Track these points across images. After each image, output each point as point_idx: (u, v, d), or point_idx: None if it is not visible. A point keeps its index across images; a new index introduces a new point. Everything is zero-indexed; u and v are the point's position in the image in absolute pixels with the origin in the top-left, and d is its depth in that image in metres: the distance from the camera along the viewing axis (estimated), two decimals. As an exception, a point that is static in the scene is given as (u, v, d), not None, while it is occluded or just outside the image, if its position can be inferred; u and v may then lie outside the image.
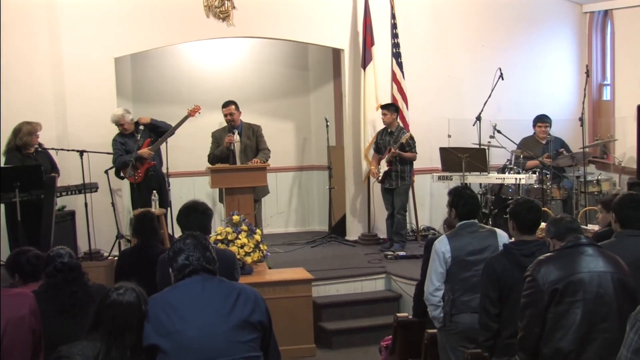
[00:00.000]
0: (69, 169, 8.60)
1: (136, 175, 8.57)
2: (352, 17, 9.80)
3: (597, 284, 3.79)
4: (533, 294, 3.87)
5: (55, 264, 4.20)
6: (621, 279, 3.85)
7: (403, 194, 9.18)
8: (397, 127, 9.22)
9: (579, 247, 3.92)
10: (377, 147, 9.39)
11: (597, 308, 3.78)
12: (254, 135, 8.86)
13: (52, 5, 8.87)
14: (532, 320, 3.88)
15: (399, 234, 9.22)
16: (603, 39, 10.39)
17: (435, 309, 5.05)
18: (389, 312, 7.71)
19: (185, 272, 3.48)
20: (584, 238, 3.99)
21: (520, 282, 4.18)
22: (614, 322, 3.74)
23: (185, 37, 9.58)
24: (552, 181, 8.90)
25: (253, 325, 3.44)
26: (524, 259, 4.36)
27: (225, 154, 8.71)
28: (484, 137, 9.23)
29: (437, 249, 5.01)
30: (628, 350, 3.09)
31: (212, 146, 8.90)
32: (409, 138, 8.98)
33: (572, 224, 4.14)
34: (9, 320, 3.74)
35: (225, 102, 8.89)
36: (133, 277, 3.57)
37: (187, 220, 4.89)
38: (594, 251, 3.91)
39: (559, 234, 4.11)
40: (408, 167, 9.13)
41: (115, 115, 8.66)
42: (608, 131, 9.97)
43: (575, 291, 3.79)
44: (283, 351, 3.87)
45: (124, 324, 3.29)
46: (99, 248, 8.68)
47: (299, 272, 7.78)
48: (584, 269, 3.82)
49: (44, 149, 8.23)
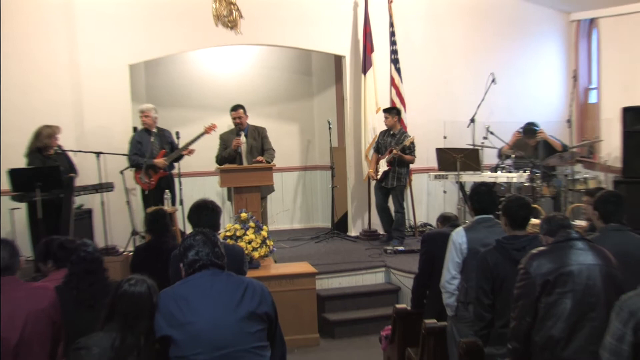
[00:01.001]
0: (86, 170, 8.59)
1: (150, 183, 8.59)
2: (352, 25, 9.80)
3: (586, 276, 3.79)
4: (525, 285, 3.86)
5: (79, 252, 4.18)
6: (609, 271, 3.84)
7: (400, 193, 9.18)
8: (399, 130, 9.22)
9: (569, 242, 3.91)
10: (378, 147, 9.37)
11: (585, 298, 3.77)
12: (259, 136, 8.85)
13: (70, 16, 8.89)
14: (524, 310, 3.87)
15: (398, 230, 9.25)
16: (589, 46, 10.38)
17: (450, 296, 5.03)
18: (389, 303, 7.68)
19: (195, 266, 3.46)
20: (575, 233, 3.99)
21: (512, 274, 4.18)
22: (601, 311, 3.74)
23: (195, 45, 9.60)
24: (542, 179, 8.87)
25: (260, 317, 3.43)
26: (515, 253, 4.36)
27: (232, 156, 8.71)
28: (477, 138, 9.21)
29: (455, 240, 4.98)
30: (612, 337, 3.12)
31: (220, 148, 8.88)
32: (411, 142, 8.98)
33: (564, 221, 4.17)
34: (30, 312, 3.74)
35: (234, 105, 8.87)
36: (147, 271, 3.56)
37: (197, 217, 4.86)
38: (583, 245, 3.91)
39: (550, 231, 4.13)
40: (405, 169, 9.13)
41: (145, 105, 8.83)
42: (594, 132, 9.99)
43: (565, 282, 3.78)
44: (288, 341, 3.85)
45: (137, 312, 3.30)
46: (114, 244, 8.67)
47: (304, 266, 7.77)
48: (573, 262, 3.82)
49: (63, 151, 8.23)
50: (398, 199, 9.17)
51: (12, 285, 3.79)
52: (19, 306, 3.72)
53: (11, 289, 3.76)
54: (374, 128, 9.59)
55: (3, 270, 3.79)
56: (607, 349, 3.14)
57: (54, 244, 4.48)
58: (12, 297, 3.74)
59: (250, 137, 8.79)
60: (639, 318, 3.04)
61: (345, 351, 7.33)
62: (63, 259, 4.36)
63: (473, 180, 8.80)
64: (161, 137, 8.81)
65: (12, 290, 3.76)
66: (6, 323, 3.68)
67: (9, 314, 3.69)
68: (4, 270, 3.79)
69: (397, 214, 9.22)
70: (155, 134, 8.77)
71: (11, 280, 3.81)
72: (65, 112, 8.90)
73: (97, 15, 8.95)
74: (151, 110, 8.76)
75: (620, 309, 3.11)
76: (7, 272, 3.80)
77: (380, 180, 9.20)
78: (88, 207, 8.78)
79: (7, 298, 3.72)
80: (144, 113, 8.74)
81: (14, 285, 3.80)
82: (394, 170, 9.04)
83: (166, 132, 8.93)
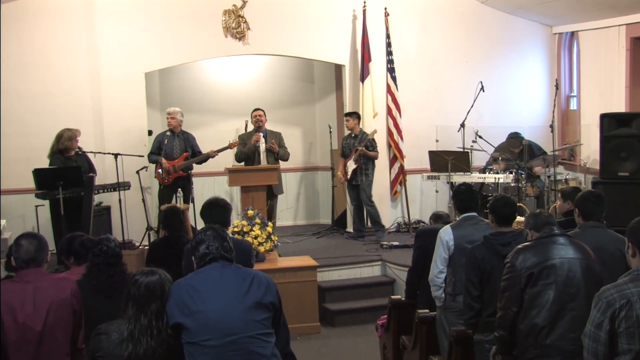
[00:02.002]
0: (105, 170, 8.61)
1: (166, 179, 8.60)
2: (351, 36, 9.79)
3: (568, 269, 3.81)
4: (511, 278, 3.88)
5: (101, 245, 4.20)
6: (588, 264, 3.87)
7: (367, 188, 9.19)
8: (360, 131, 9.26)
9: (552, 237, 3.94)
10: (343, 151, 9.38)
11: (567, 289, 3.79)
12: (277, 139, 8.87)
13: (91, 28, 8.91)
14: (509, 300, 3.89)
15: (376, 222, 9.30)
16: (570, 56, 10.38)
17: (438, 289, 5.03)
18: (385, 294, 7.69)
19: (206, 259, 3.46)
20: (557, 229, 4.00)
21: (497, 267, 4.21)
22: (581, 301, 3.76)
23: (206, 55, 9.60)
24: (526, 180, 8.89)
25: (265, 306, 3.42)
26: (501, 248, 4.38)
27: (252, 151, 8.75)
28: (467, 141, 9.22)
29: (442, 237, 4.98)
30: (592, 325, 3.16)
31: (239, 147, 8.91)
32: (371, 139, 9.04)
33: (549, 219, 4.17)
34: (53, 301, 3.76)
35: (256, 107, 9.05)
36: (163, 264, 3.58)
37: (209, 214, 4.86)
38: (564, 240, 3.94)
39: (536, 226, 4.12)
40: (371, 165, 9.20)
41: (172, 108, 8.85)
42: (575, 137, 9.99)
43: (548, 275, 3.80)
44: (291, 329, 3.85)
45: (147, 296, 3.32)
46: (131, 238, 8.66)
47: (306, 260, 7.78)
48: (556, 256, 3.84)
49: (83, 152, 8.24)
50: (366, 193, 9.17)
51: (38, 276, 3.80)
52: (43, 295, 3.74)
53: (37, 279, 3.78)
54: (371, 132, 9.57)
55: (28, 262, 3.79)
56: (587, 335, 3.19)
57: (76, 242, 4.51)
58: (37, 287, 3.76)
59: (268, 141, 8.81)
60: (615, 308, 3.08)
61: (344, 338, 7.34)
62: (83, 256, 4.39)
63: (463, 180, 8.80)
64: (185, 140, 8.80)
65: (37, 280, 3.78)
66: (32, 311, 3.71)
67: (35, 302, 3.72)
68: (29, 262, 3.79)
69: (369, 208, 9.26)
70: (180, 137, 8.78)
71: (37, 272, 3.81)
72: (85, 116, 8.91)
73: (115, 27, 8.95)
74: (177, 113, 8.77)
75: (599, 300, 3.15)
76: (33, 264, 3.80)
77: (350, 180, 9.23)
78: (107, 205, 8.78)
79: (32, 288, 3.74)
80: (170, 115, 8.75)
81: (39, 276, 3.80)
82: (361, 167, 9.09)
83: (190, 136, 8.92)
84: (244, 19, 9.32)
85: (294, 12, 9.57)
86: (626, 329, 3.06)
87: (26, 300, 3.72)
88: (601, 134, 7.93)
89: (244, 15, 9.32)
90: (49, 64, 8.88)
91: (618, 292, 3.11)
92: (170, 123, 8.75)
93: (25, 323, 3.69)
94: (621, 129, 7.87)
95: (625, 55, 8.87)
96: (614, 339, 3.10)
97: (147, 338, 3.27)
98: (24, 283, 3.76)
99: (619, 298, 3.09)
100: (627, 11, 8.63)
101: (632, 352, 3.05)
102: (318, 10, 9.66)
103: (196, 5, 9.24)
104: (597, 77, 9.47)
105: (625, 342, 3.07)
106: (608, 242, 4.40)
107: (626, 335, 3.06)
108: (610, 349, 3.11)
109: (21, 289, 3.74)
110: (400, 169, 9.86)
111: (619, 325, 3.08)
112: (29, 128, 8.80)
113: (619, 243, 4.28)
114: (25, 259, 3.80)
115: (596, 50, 9.47)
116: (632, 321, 3.05)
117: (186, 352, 3.32)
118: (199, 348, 3.29)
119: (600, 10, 8.99)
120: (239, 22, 9.30)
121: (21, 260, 3.81)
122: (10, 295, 3.72)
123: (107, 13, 8.91)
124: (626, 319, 3.06)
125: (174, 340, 3.33)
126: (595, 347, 3.14)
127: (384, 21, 9.75)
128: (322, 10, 9.67)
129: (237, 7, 9.30)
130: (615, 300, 3.09)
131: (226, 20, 9.28)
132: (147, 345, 3.27)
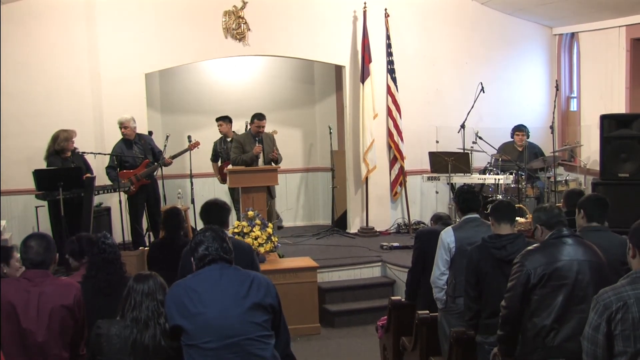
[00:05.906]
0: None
1: (131, 189, 8.37)
2: (352, 37, 9.78)
3: (577, 270, 3.81)
4: (520, 276, 3.87)
5: (99, 244, 4.19)
6: (597, 266, 3.87)
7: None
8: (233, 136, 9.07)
9: (562, 238, 3.92)
10: (216, 156, 9.25)
11: (575, 291, 3.80)
12: (271, 142, 8.75)
13: (92, 29, 8.93)
14: (515, 298, 3.89)
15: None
16: (570, 58, 10.37)
17: (439, 291, 5.04)
18: (385, 295, 7.70)
19: (205, 261, 3.44)
20: (566, 230, 3.98)
21: (492, 270, 4.29)
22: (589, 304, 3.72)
23: (206, 56, 9.60)
24: (526, 181, 8.88)
25: (265, 308, 3.41)
26: (494, 251, 4.41)
27: (253, 160, 8.45)
28: (467, 142, 9.21)
29: (444, 239, 4.98)
30: (590, 328, 3.17)
31: (237, 150, 8.55)
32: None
33: (561, 217, 4.09)
34: (55, 307, 3.72)
35: (260, 114, 8.61)
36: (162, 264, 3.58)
37: (208, 215, 4.85)
38: (574, 241, 3.93)
39: (548, 223, 4.04)
40: None
41: (123, 117, 8.42)
42: (575, 138, 9.98)
43: (558, 277, 3.81)
44: (291, 330, 3.85)
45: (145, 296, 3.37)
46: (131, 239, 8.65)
47: (306, 261, 7.77)
48: (565, 257, 3.84)
49: (79, 153, 8.21)
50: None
51: (44, 278, 3.76)
52: (47, 302, 3.70)
53: (42, 283, 3.73)
54: (371, 133, 9.57)
55: (37, 264, 3.75)
56: (585, 338, 3.19)
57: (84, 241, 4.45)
58: (42, 291, 3.71)
59: (265, 144, 8.67)
60: (612, 311, 3.08)
61: (344, 339, 7.34)
62: None
63: (463, 181, 8.81)
64: (143, 145, 8.52)
65: (43, 284, 3.73)
66: (34, 316, 3.67)
67: (38, 308, 3.68)
68: (37, 265, 3.76)
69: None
70: (137, 143, 8.50)
71: (43, 275, 3.77)
72: (86, 117, 8.92)
73: (115, 28, 8.97)
74: (130, 121, 8.39)
75: (597, 302, 3.15)
76: (41, 266, 3.77)
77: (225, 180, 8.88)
78: (107, 206, 8.79)
79: (38, 292, 3.70)
80: (123, 124, 8.37)
81: (45, 279, 3.76)
82: None
83: (146, 138, 8.67)
84: (244, 20, 9.32)
85: (294, 13, 9.58)
86: (622, 331, 3.06)
87: (30, 304, 3.68)
88: (601, 135, 7.93)
89: (244, 16, 9.32)
90: (50, 65, 8.90)
91: (615, 295, 3.11)
92: (125, 133, 8.41)
93: (27, 328, 3.66)
94: (621, 130, 7.87)
95: (625, 57, 8.87)
96: (611, 341, 3.10)
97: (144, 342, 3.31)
98: (31, 285, 3.71)
99: (616, 300, 3.09)
100: (627, 12, 8.63)
101: (628, 354, 3.05)
102: (318, 11, 9.67)
103: (196, 6, 9.25)
104: (597, 78, 9.47)
105: (622, 345, 3.07)
106: (608, 245, 4.38)
107: (622, 337, 3.07)
108: (607, 351, 3.11)
109: (26, 291, 3.70)
110: (400, 170, 9.85)
111: (616, 327, 3.08)
112: (30, 129, 8.80)
113: (622, 246, 4.24)
114: (35, 261, 3.76)
115: (596, 52, 9.47)
116: (628, 324, 3.05)
117: (185, 355, 3.32)
118: (199, 350, 3.28)
119: (601, 12, 8.99)
120: (239, 23, 9.30)
121: (30, 262, 3.77)
122: (15, 297, 3.67)
123: (107, 14, 8.93)
124: (622, 321, 3.06)
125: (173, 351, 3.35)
126: (593, 350, 3.14)
127: (385, 22, 9.75)
128: (322, 11, 9.68)
129: (238, 8, 9.30)
130: (612, 303, 3.09)
131: (226, 21, 9.28)
132: (145, 354, 3.30)
